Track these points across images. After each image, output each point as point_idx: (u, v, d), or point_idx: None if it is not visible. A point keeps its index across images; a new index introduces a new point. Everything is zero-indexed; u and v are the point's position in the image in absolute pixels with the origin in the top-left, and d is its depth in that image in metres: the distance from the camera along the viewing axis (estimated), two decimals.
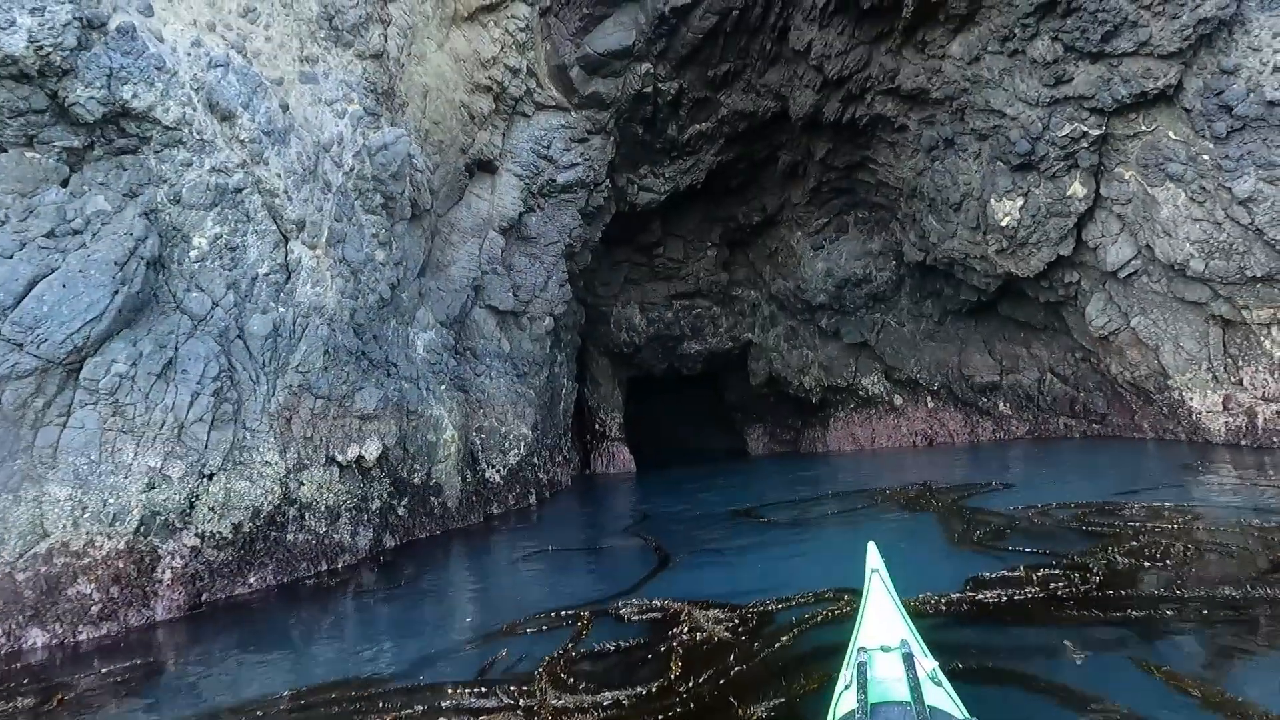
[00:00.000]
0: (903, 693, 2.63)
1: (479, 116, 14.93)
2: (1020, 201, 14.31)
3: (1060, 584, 6.22)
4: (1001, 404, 19.44)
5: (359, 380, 10.25)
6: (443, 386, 13.28)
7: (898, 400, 21.62)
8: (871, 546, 4.05)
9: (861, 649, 2.97)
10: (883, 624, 3.26)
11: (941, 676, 2.86)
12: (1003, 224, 14.65)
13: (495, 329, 15.77)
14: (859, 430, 22.49)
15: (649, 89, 16.40)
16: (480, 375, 15.24)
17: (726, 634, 5.71)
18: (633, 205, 19.25)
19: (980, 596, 6.10)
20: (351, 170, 11.10)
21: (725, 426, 30.08)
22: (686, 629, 5.87)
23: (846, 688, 2.83)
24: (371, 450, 10.18)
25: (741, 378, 26.69)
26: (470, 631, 6.68)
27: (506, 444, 14.99)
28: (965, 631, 5.48)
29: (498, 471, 14.64)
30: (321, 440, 9.66)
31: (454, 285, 14.77)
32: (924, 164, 16.23)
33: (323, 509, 9.58)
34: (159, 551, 7.82)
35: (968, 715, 2.60)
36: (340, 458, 9.81)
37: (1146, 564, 6.64)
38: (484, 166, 15.56)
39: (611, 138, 17.24)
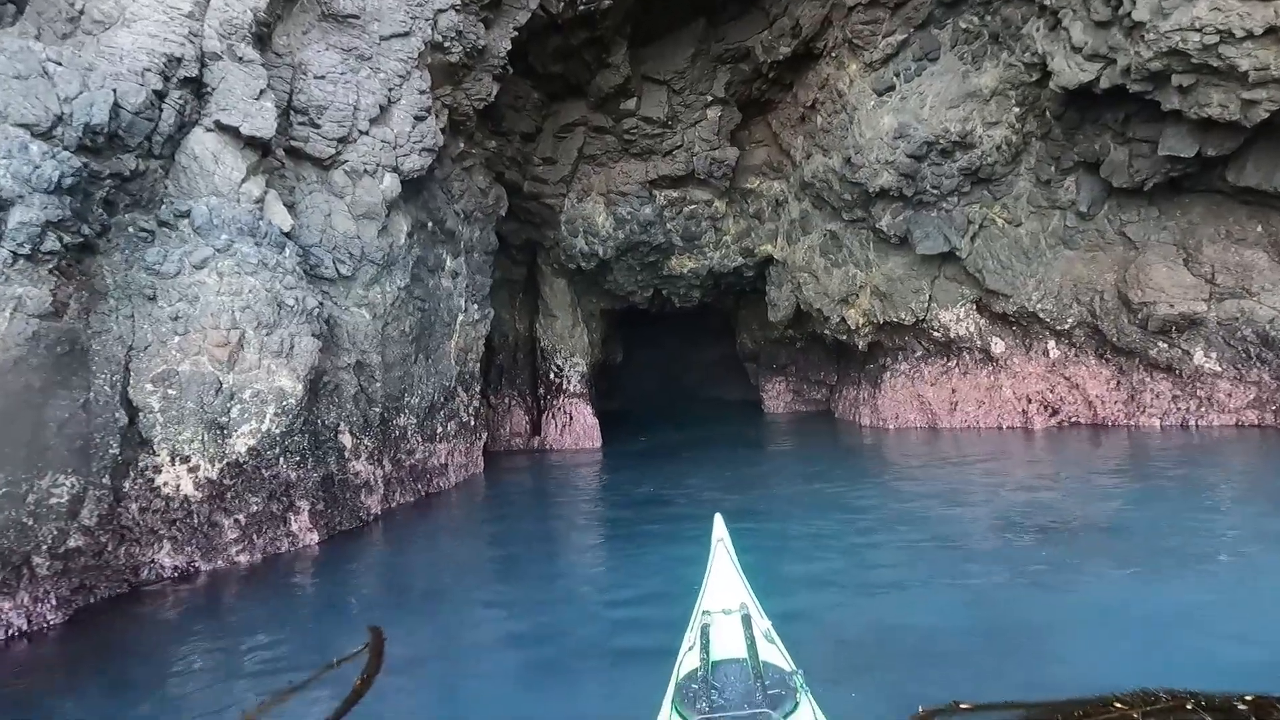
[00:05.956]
0: (741, 650, 2.52)
1: None
2: None
3: None
4: (1200, 353, 10.25)
5: None
6: None
7: (998, 346, 12.54)
8: (718, 518, 3.70)
9: (705, 613, 2.88)
10: (725, 589, 3.12)
11: (774, 635, 2.80)
12: None
13: (243, 178, 7.10)
14: (930, 391, 13.47)
15: None
16: (202, 269, 6.67)
17: None
18: (570, 3, 10.24)
19: None
20: None
21: (744, 373, 21.41)
22: None
23: (690, 649, 2.72)
24: None
25: (757, 312, 17.78)
26: None
27: (233, 412, 6.47)
28: None
29: (196, 471, 6.16)
30: None
31: (116, 66, 6.13)
32: None
33: None
34: None
35: (795, 667, 2.50)
36: None
37: None
38: None
39: None
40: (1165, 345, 10.45)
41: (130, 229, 6.45)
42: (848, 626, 4.14)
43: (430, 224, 9.98)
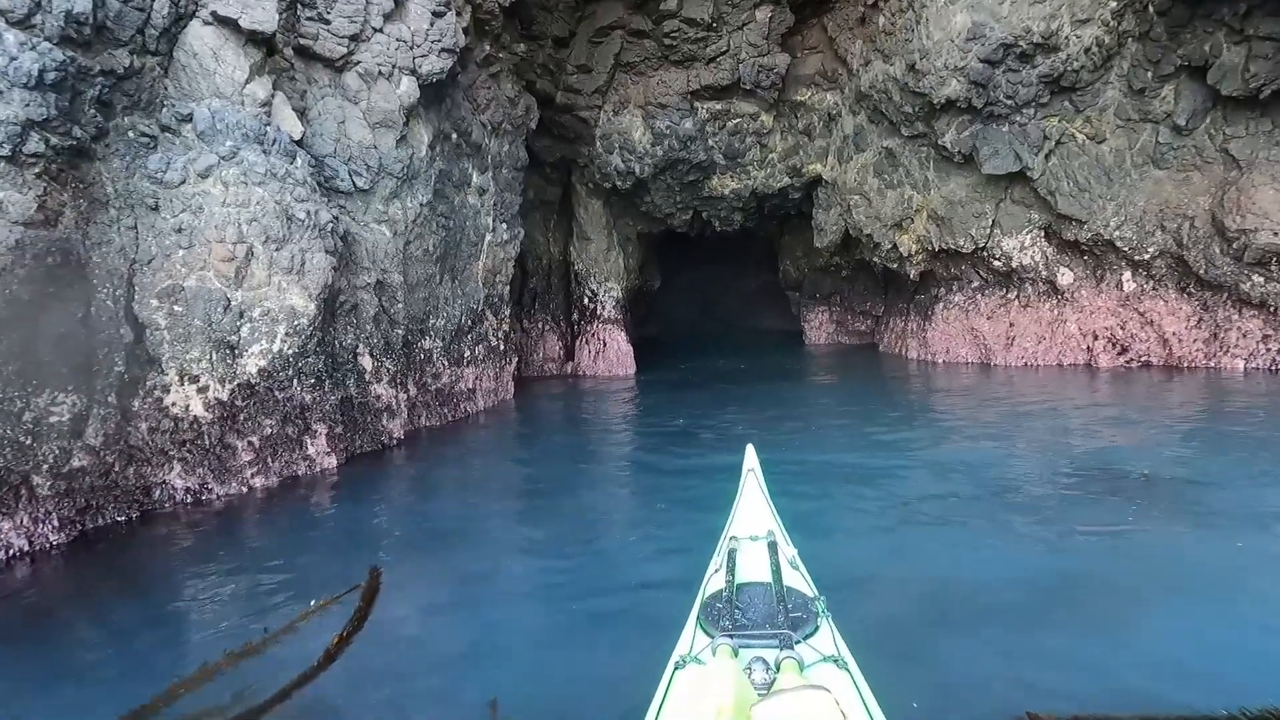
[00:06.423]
0: (765, 575, 2.53)
1: None
2: None
3: None
4: None
5: None
6: None
7: (1064, 277, 11.49)
8: (750, 449, 3.72)
9: (733, 538, 2.91)
10: (753, 517, 3.13)
11: (799, 562, 2.77)
12: None
13: (246, 78, 6.53)
14: (986, 325, 12.57)
15: None
16: (207, 178, 6.21)
17: None
18: None
19: None
20: None
21: (785, 302, 20.61)
22: None
23: (716, 571, 2.71)
24: None
25: (802, 238, 16.82)
26: None
27: (243, 331, 6.14)
28: None
29: (206, 391, 5.88)
30: None
31: None
32: None
33: None
34: None
35: (817, 593, 2.50)
36: None
37: None
38: None
39: None
40: (1261, 279, 9.32)
41: (130, 133, 5.98)
42: (895, 603, 3.62)
43: (454, 135, 9.31)
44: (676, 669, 2.10)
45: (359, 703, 2.85)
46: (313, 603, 3.68)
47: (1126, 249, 10.56)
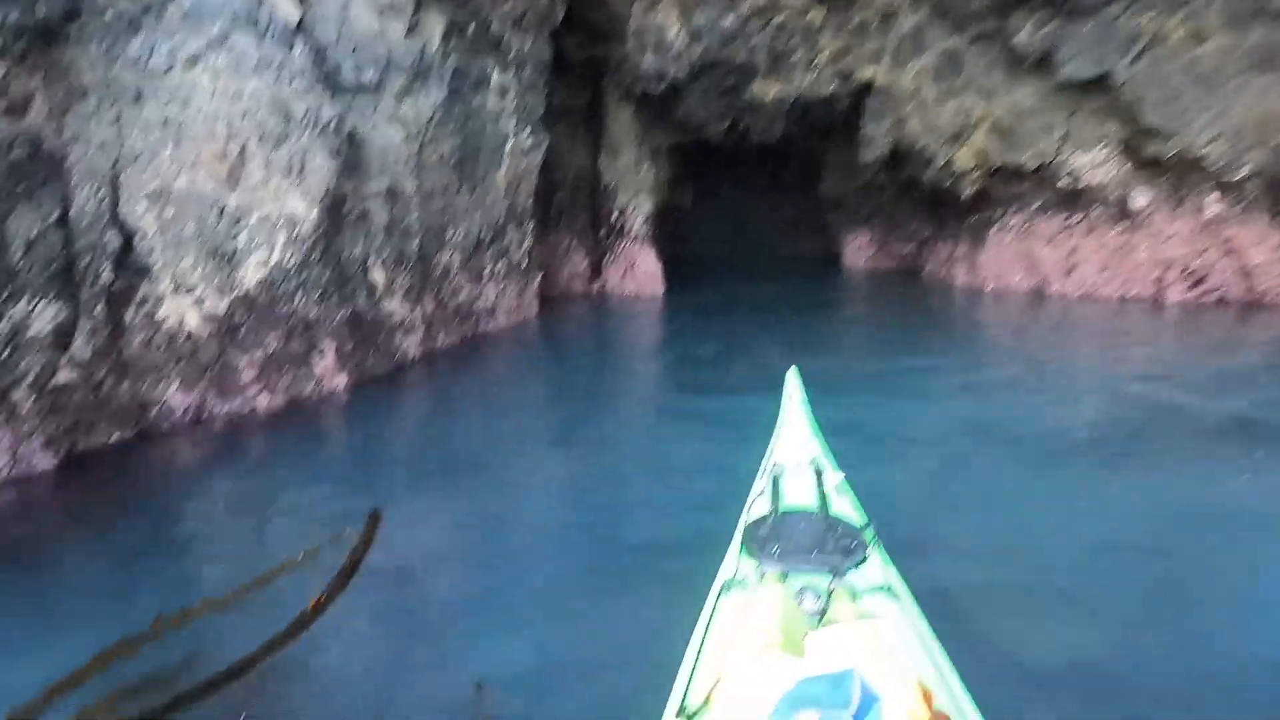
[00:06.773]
0: (811, 501, 2.39)
1: None
2: None
3: None
4: None
5: None
6: None
7: (1138, 199, 10.38)
8: (792, 372, 3.48)
9: (776, 464, 2.74)
10: (797, 442, 2.97)
11: (847, 487, 2.61)
12: None
13: None
14: (1045, 252, 11.56)
15: None
16: (195, 65, 5.55)
17: None
18: None
19: None
20: None
21: (822, 224, 19.47)
22: None
23: (760, 495, 2.61)
24: None
25: (846, 153, 15.59)
26: None
27: (240, 239, 5.63)
28: None
29: (203, 304, 5.45)
30: None
31: None
32: None
33: None
34: None
35: (866, 519, 2.37)
36: None
37: None
38: None
39: None
40: None
41: (108, 13, 5.32)
42: (941, 587, 3.11)
43: (471, 27, 8.40)
44: (722, 593, 2.01)
45: (335, 673, 2.49)
46: (288, 558, 3.28)
47: (1215, 167, 9.40)
